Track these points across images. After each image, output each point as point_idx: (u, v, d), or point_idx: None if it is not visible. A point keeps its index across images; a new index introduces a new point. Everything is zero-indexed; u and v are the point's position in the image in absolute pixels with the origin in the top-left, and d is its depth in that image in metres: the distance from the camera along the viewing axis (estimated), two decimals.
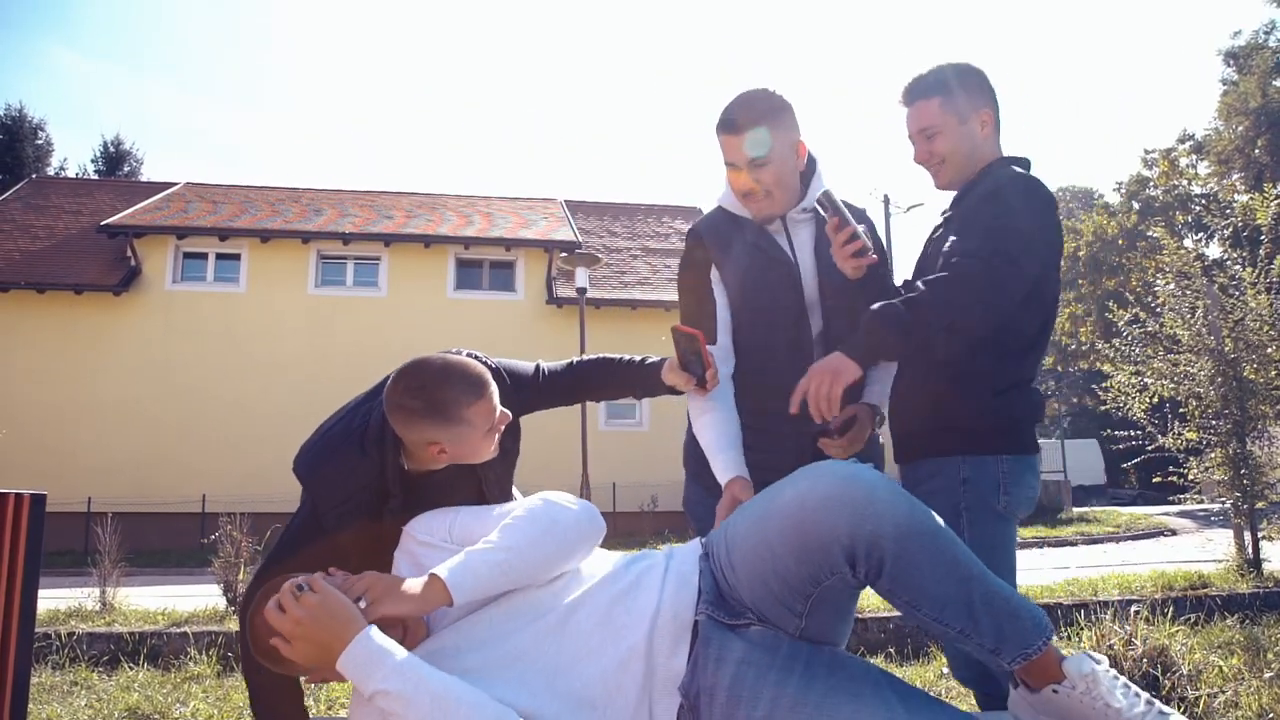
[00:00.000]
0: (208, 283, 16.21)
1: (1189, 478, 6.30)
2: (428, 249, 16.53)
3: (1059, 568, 7.81)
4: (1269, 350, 5.97)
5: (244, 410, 15.15)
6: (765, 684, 1.30)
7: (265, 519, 6.78)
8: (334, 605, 1.30)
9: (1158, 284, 6.76)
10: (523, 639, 1.39)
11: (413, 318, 15.86)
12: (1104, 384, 6.88)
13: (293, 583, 1.33)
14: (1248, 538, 6.01)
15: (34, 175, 24.07)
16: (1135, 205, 30.47)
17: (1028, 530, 13.17)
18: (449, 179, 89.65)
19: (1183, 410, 6.28)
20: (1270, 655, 3.36)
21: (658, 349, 2.44)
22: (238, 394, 15.26)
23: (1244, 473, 5.89)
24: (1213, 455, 6.12)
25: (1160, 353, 6.38)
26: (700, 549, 1.52)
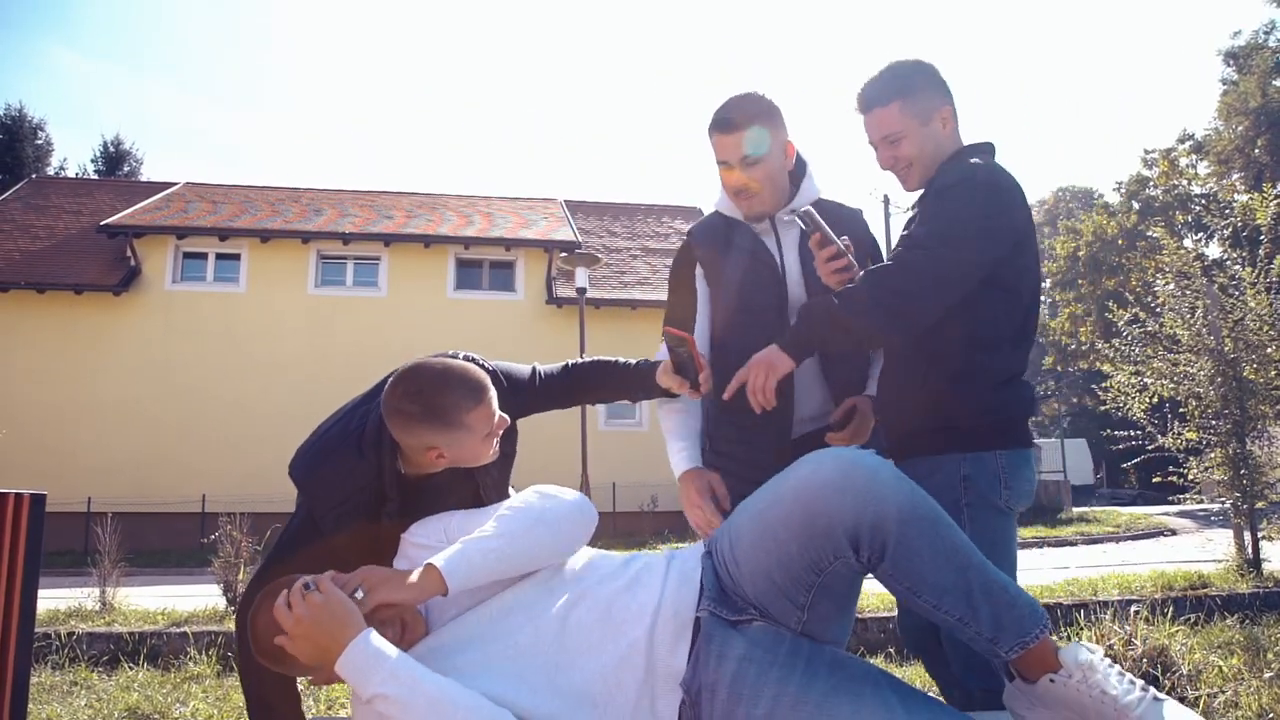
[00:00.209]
0: (208, 283, 16.22)
1: (1189, 478, 6.30)
2: (428, 249, 16.53)
3: (1059, 568, 7.82)
4: (1269, 350, 5.97)
5: (244, 410, 15.15)
6: (767, 682, 1.30)
7: (265, 519, 6.78)
8: (335, 607, 1.31)
9: (1157, 284, 6.76)
10: (523, 636, 1.39)
11: (413, 318, 15.87)
12: (1104, 384, 6.88)
13: (301, 582, 1.35)
14: (1247, 538, 6.01)
15: (34, 175, 24.07)
16: (1135, 205, 30.47)
17: (1028, 530, 13.17)
18: (449, 179, 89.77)
19: (1182, 410, 6.28)
20: (1270, 655, 3.36)
21: (658, 349, 2.45)
22: (238, 394, 15.26)
23: (1244, 473, 5.89)
24: (1212, 455, 6.12)
25: (1160, 353, 6.38)
26: (703, 549, 1.52)
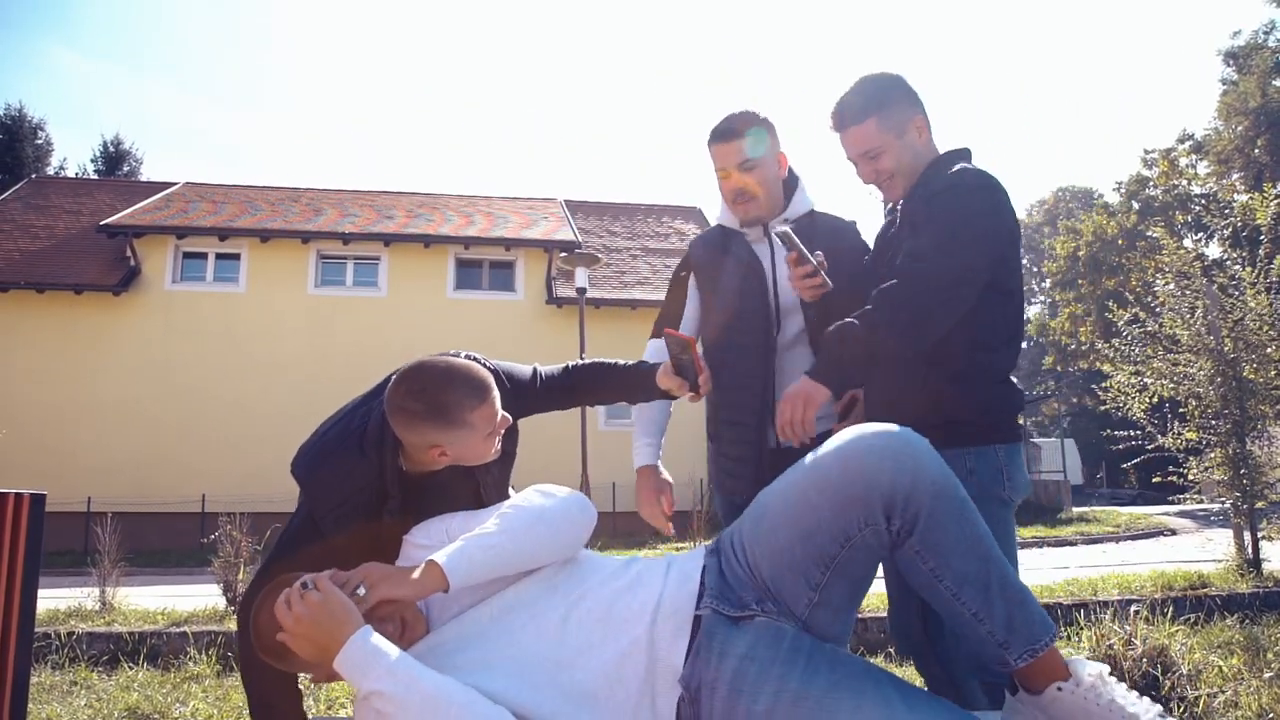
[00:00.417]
0: (207, 283, 16.21)
1: (1189, 478, 6.30)
2: (427, 249, 16.53)
3: (1059, 567, 7.82)
4: (1268, 350, 5.96)
5: (244, 410, 15.15)
6: (768, 678, 1.31)
7: (265, 519, 6.78)
8: (334, 605, 1.32)
9: (1157, 284, 6.75)
10: (524, 634, 1.39)
11: (413, 318, 15.87)
12: (1104, 384, 6.88)
13: (301, 580, 1.36)
14: (1247, 537, 6.00)
15: (34, 175, 24.06)
16: (1135, 205, 30.46)
17: (1028, 530, 13.17)
18: (449, 179, 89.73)
19: (1182, 410, 6.27)
20: (1270, 655, 3.36)
21: (655, 349, 2.46)
22: (238, 394, 15.26)
23: (1243, 472, 5.88)
24: (1212, 455, 6.11)
25: (1160, 353, 6.37)
26: (704, 550, 1.53)
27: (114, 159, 33.76)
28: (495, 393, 1.71)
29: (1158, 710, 1.30)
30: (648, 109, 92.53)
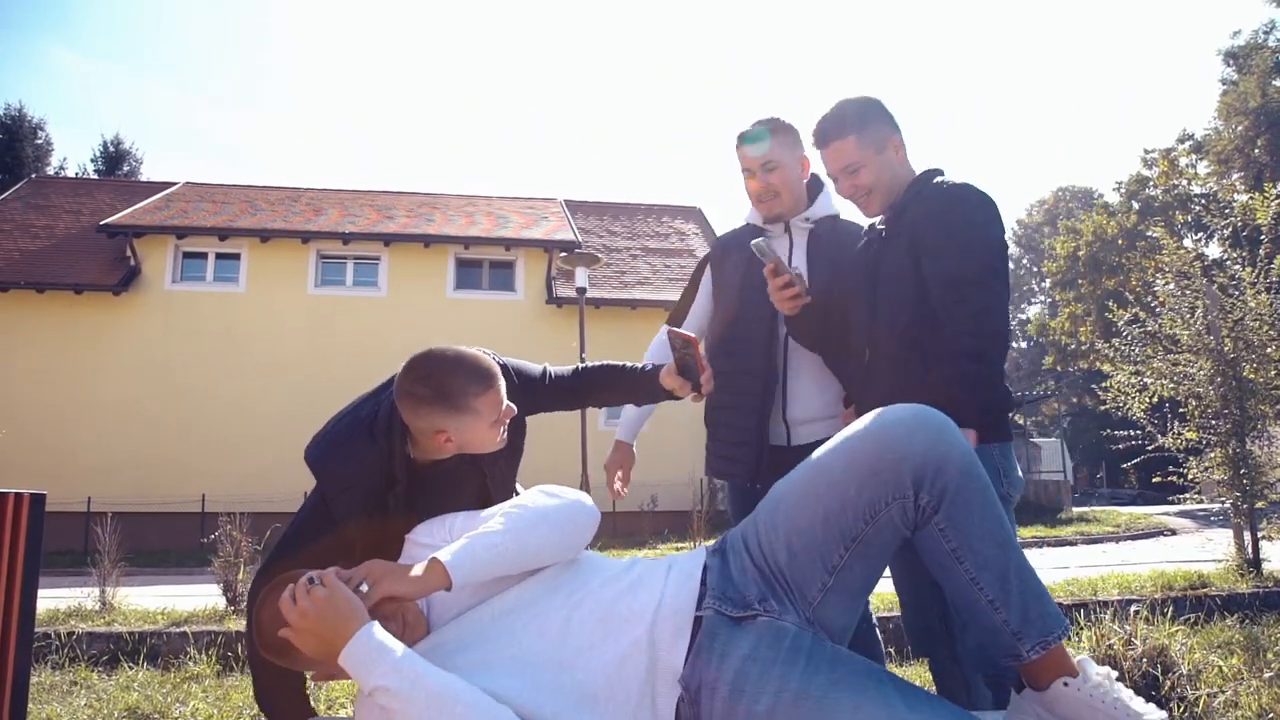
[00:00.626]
0: (207, 282, 16.22)
1: (1188, 477, 6.29)
2: (427, 249, 16.53)
3: (1059, 567, 7.81)
4: (1268, 350, 5.96)
5: (244, 410, 15.15)
6: (769, 679, 1.31)
7: (265, 519, 6.78)
8: (340, 601, 1.32)
9: (1157, 284, 6.75)
10: (526, 635, 1.39)
11: (413, 318, 15.87)
12: (1104, 384, 6.88)
13: (306, 576, 1.35)
14: (1247, 537, 6.00)
15: (33, 175, 24.06)
16: (1135, 205, 30.48)
17: (1028, 530, 13.16)
18: (449, 179, 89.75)
19: (1182, 410, 6.27)
20: (1270, 655, 3.36)
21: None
22: (238, 394, 15.26)
23: (1243, 472, 5.88)
24: (1212, 455, 6.11)
25: (1160, 352, 6.37)
26: (704, 552, 1.52)
27: (114, 159, 33.77)
28: (501, 382, 1.75)
29: (1162, 715, 1.30)
30: (648, 109, 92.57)
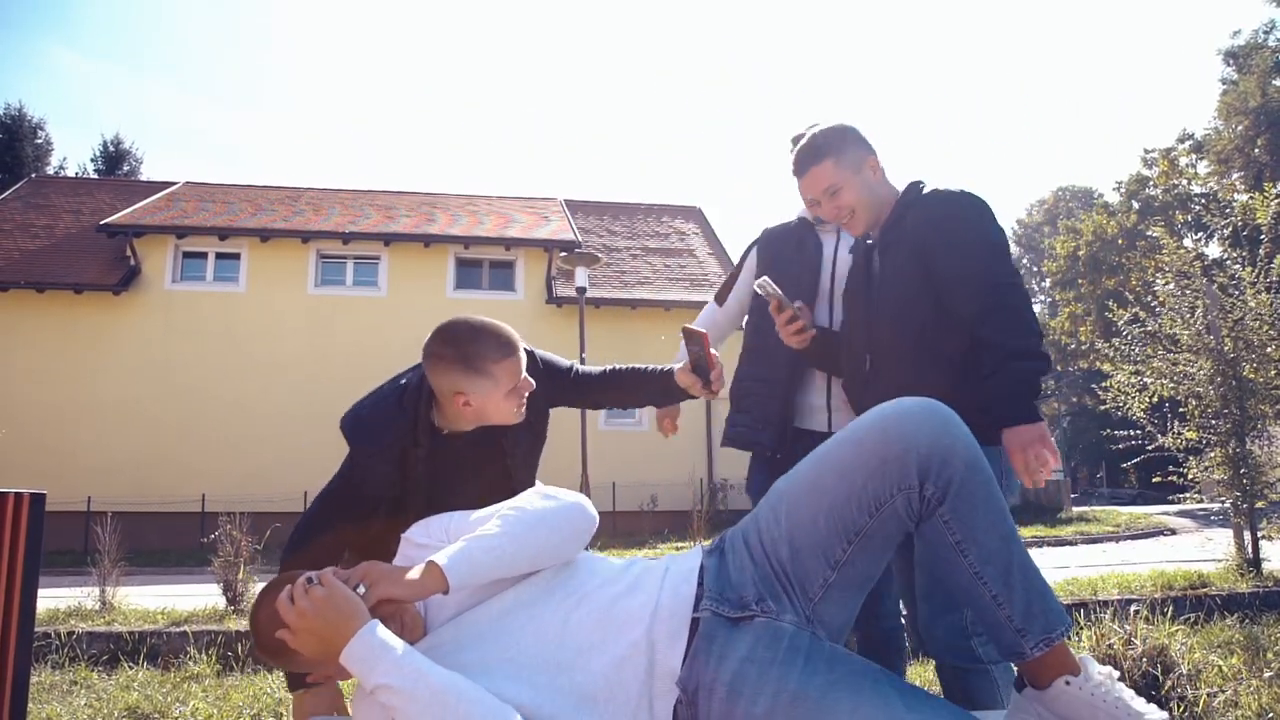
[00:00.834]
0: (207, 282, 16.22)
1: (1188, 477, 6.29)
2: (427, 248, 16.53)
3: (1058, 567, 7.81)
4: (1268, 350, 5.96)
5: (244, 410, 15.15)
6: (767, 680, 1.30)
7: (265, 518, 6.78)
8: (340, 600, 1.31)
9: (1157, 283, 6.74)
10: (524, 636, 1.39)
11: (412, 317, 15.85)
12: (1103, 383, 6.88)
13: (304, 576, 1.35)
14: (1247, 537, 6.00)
15: (33, 174, 24.06)
16: (1135, 205, 30.48)
17: (1028, 530, 13.16)
18: (449, 179, 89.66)
19: (1182, 410, 6.27)
20: (1270, 655, 3.36)
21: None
22: (238, 394, 15.26)
23: (1243, 472, 5.88)
24: (1212, 455, 6.11)
25: (1160, 352, 6.37)
26: (700, 553, 1.52)
27: (114, 158, 33.77)
28: (521, 354, 1.86)
29: (1163, 716, 1.30)
30: (648, 109, 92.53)
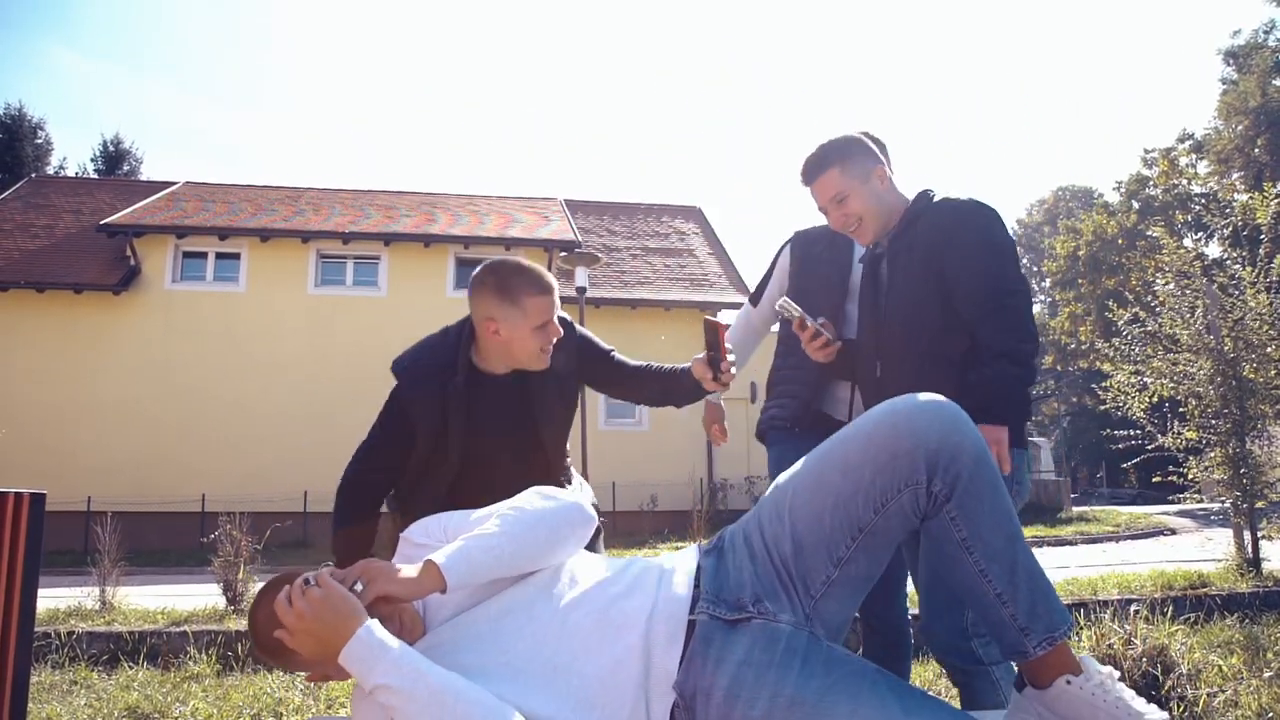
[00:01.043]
0: (207, 282, 16.21)
1: (1188, 477, 6.29)
2: (427, 248, 16.52)
3: (1058, 567, 7.81)
4: (1268, 350, 5.96)
5: (244, 410, 15.14)
6: (764, 683, 1.30)
7: (265, 518, 6.78)
8: (337, 600, 1.31)
9: (1157, 283, 6.75)
10: (521, 638, 1.39)
11: (412, 317, 15.79)
12: (1103, 383, 6.88)
13: (301, 577, 1.35)
14: (1247, 537, 6.00)
15: (33, 174, 24.05)
16: (1135, 205, 30.47)
17: (1028, 530, 13.09)
18: (449, 179, 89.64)
19: (1182, 410, 6.27)
20: (1270, 654, 3.36)
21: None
22: (238, 394, 15.25)
23: (1243, 472, 5.88)
24: (1212, 454, 6.11)
25: (1160, 352, 6.37)
26: (697, 554, 1.52)
27: (114, 158, 33.75)
28: (554, 298, 2.02)
29: (1164, 716, 1.30)
30: (648, 109, 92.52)
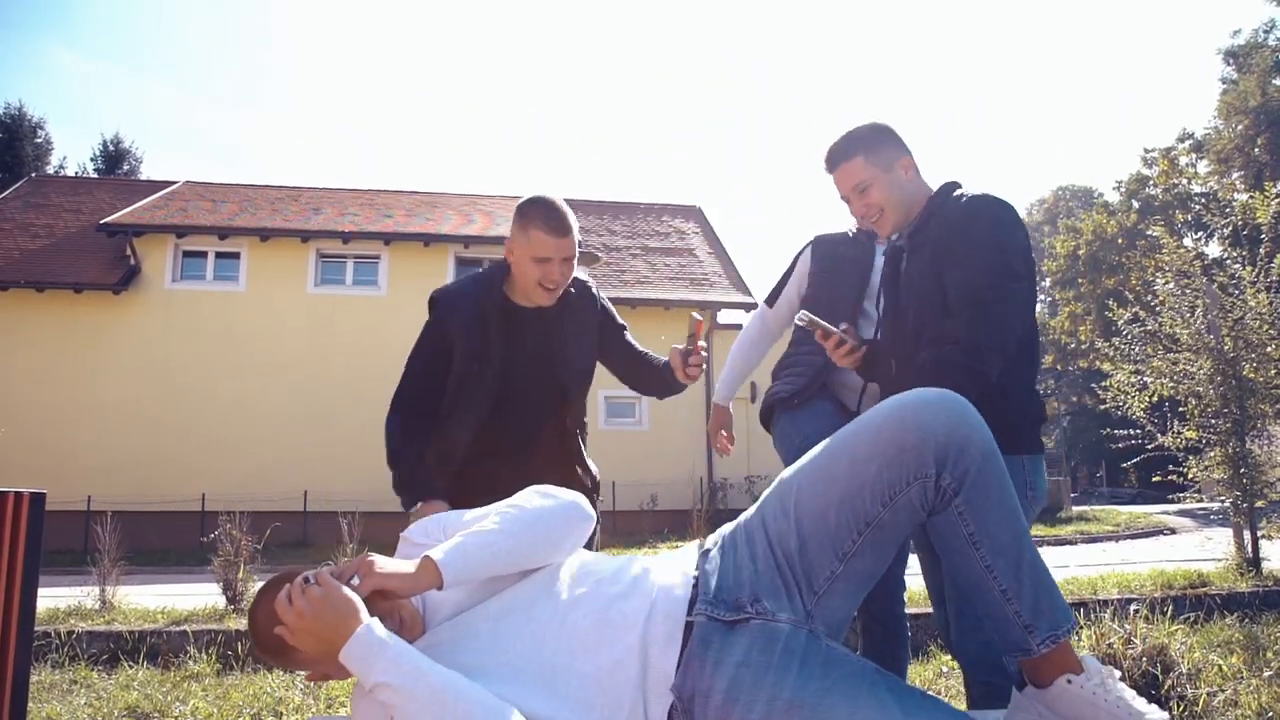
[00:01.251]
0: (207, 281, 16.20)
1: (1188, 477, 6.30)
2: (427, 248, 16.52)
3: (1058, 566, 7.81)
4: (1268, 349, 5.96)
5: (244, 410, 15.13)
6: (762, 686, 1.30)
7: (265, 518, 6.78)
8: (337, 599, 1.32)
9: (1157, 283, 6.74)
10: (520, 640, 1.39)
11: (412, 316, 15.59)
12: (1103, 383, 6.88)
13: (301, 576, 1.35)
14: (1247, 536, 6.01)
15: (33, 174, 24.04)
16: (1135, 204, 30.50)
17: None
18: (449, 179, 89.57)
19: (1182, 409, 6.27)
20: (1270, 654, 3.37)
21: (657, 347, 2.53)
22: (238, 394, 15.24)
23: (1243, 471, 5.88)
24: (1212, 454, 6.12)
25: (1160, 351, 6.37)
26: (696, 553, 1.51)
27: (114, 158, 33.74)
28: (561, 242, 2.14)
29: (1164, 716, 1.30)
30: (648, 109, 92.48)
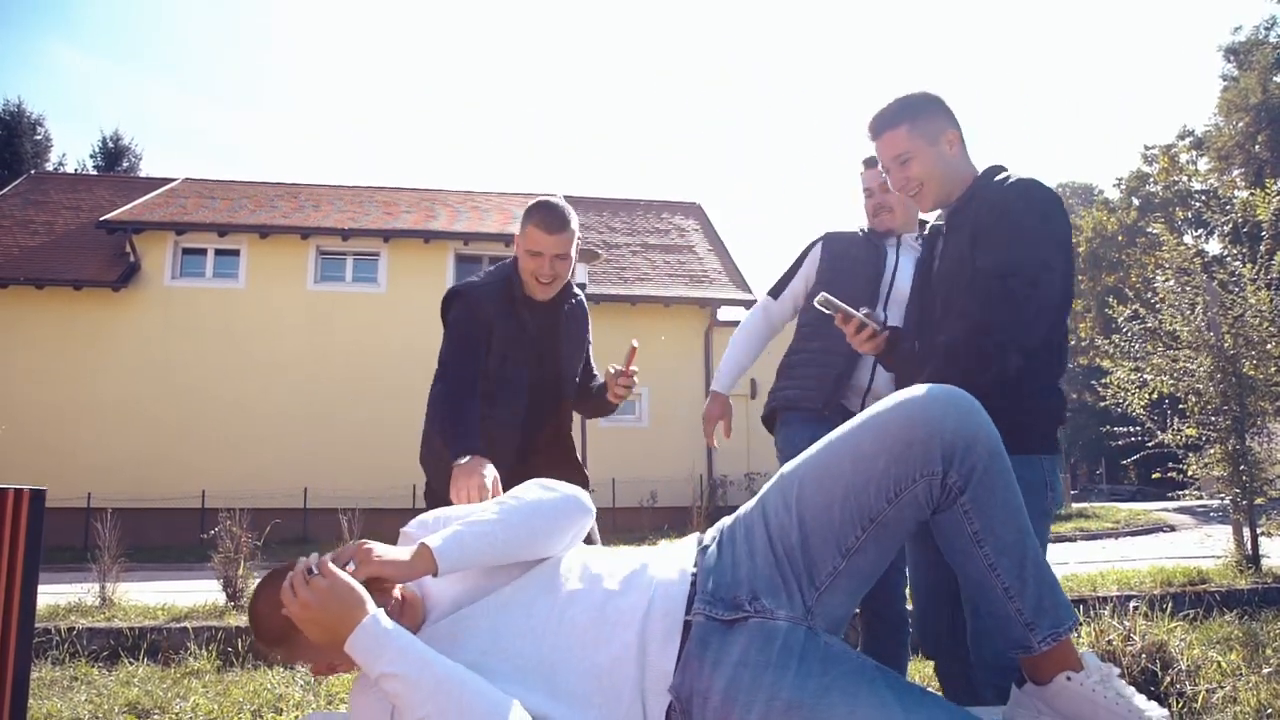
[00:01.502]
0: (207, 279, 16.20)
1: (1188, 474, 6.29)
2: (427, 244, 16.51)
3: (1058, 564, 7.76)
4: (1269, 346, 5.96)
5: (244, 406, 15.13)
6: (760, 685, 1.29)
7: (264, 515, 6.78)
8: (342, 590, 1.31)
9: (1157, 280, 6.74)
10: (519, 636, 1.39)
11: (412, 314, 15.82)
12: (1103, 380, 6.88)
13: (304, 566, 1.35)
14: (1246, 534, 6.00)
15: (33, 171, 24.01)
16: (1135, 201, 30.47)
17: None
18: (449, 179, 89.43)
19: (1182, 406, 6.27)
20: (1269, 651, 3.36)
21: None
22: (237, 392, 15.24)
23: (1243, 469, 5.88)
24: (1212, 451, 6.11)
25: (1160, 349, 6.36)
26: (695, 551, 1.51)
27: (113, 155, 33.69)
28: (554, 240, 2.28)
29: (1163, 713, 1.30)
30: (648, 109, 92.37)
